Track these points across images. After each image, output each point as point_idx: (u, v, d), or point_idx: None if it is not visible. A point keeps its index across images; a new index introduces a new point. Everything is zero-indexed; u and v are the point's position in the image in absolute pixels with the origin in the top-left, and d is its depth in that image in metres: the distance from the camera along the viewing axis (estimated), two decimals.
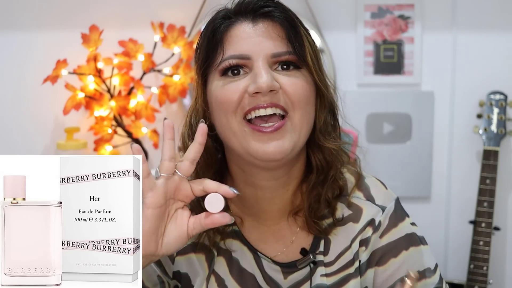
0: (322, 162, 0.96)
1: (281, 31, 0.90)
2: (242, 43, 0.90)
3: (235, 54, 0.90)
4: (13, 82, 2.16)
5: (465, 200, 2.16)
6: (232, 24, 0.92)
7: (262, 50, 0.89)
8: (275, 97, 0.88)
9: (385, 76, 2.18)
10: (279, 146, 0.88)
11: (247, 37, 0.90)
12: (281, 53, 0.90)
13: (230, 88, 0.90)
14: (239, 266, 0.98)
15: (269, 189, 0.97)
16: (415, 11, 2.15)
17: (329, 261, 0.98)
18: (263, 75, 0.87)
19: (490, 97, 2.08)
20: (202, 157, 0.95)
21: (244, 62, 0.90)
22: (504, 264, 2.23)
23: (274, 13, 0.91)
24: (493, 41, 2.15)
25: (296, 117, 0.90)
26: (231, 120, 0.90)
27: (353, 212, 0.99)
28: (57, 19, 2.13)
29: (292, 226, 1.00)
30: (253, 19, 0.91)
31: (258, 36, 0.90)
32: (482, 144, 2.06)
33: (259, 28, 0.90)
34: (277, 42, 0.90)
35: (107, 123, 2.05)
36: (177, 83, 2.04)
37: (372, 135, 2.19)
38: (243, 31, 0.91)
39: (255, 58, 0.89)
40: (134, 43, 2.04)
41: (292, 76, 0.90)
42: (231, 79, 0.90)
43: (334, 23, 2.14)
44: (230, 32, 0.92)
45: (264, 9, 0.91)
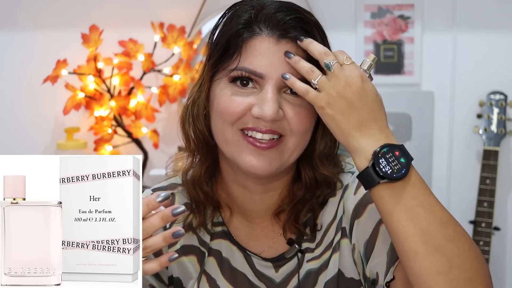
0: (312, 180, 0.96)
1: (303, 57, 0.87)
2: (260, 59, 0.87)
3: (250, 68, 0.87)
4: (13, 82, 2.17)
5: (465, 200, 2.16)
6: (256, 35, 0.88)
7: (277, 72, 0.87)
8: (275, 125, 0.88)
9: (385, 76, 2.18)
10: (267, 165, 0.89)
11: (267, 55, 0.87)
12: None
13: (236, 101, 0.88)
14: (230, 266, 0.99)
15: (257, 191, 0.97)
16: (415, 11, 2.15)
17: (316, 243, 0.97)
18: (270, 104, 0.85)
19: (490, 97, 2.08)
20: (200, 148, 0.96)
21: (256, 79, 0.88)
22: (504, 264, 2.23)
23: (301, 36, 0.87)
24: (493, 41, 2.15)
25: (291, 141, 0.89)
26: (226, 129, 0.90)
27: (329, 189, 0.98)
28: (57, 19, 2.14)
29: (278, 223, 1.00)
30: (278, 38, 0.88)
31: (278, 58, 0.87)
32: (482, 144, 2.06)
33: (281, 47, 0.87)
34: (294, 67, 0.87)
35: (107, 123, 2.05)
36: (177, 83, 2.04)
37: None
38: (265, 48, 0.87)
39: (268, 79, 0.87)
40: (134, 43, 2.04)
41: (298, 104, 0.88)
42: (238, 90, 0.89)
43: (334, 23, 2.15)
44: (251, 43, 0.88)
45: (292, 31, 0.88)
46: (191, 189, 0.99)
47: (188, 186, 1.00)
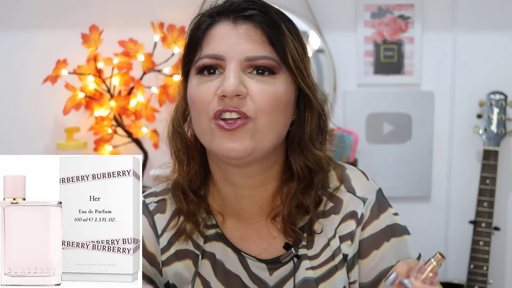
0: (304, 169, 0.95)
1: (261, 35, 0.89)
2: (219, 43, 0.89)
3: (211, 54, 0.89)
4: (13, 82, 2.17)
5: (465, 200, 2.16)
6: (214, 23, 0.91)
7: (237, 52, 0.88)
8: (240, 103, 0.87)
9: (385, 76, 2.18)
10: (239, 144, 0.88)
11: (225, 38, 0.89)
12: (255, 57, 0.88)
13: (203, 88, 0.89)
14: (223, 268, 0.98)
15: (246, 187, 0.96)
16: (415, 11, 2.15)
17: (315, 253, 0.97)
18: (231, 79, 0.86)
19: (490, 97, 2.08)
20: (183, 152, 0.97)
21: (219, 63, 0.89)
22: (504, 264, 2.23)
23: (256, 16, 0.89)
24: (493, 41, 2.15)
25: (261, 121, 0.89)
26: (201, 119, 0.90)
27: (334, 204, 0.98)
28: (57, 19, 2.13)
29: (272, 227, 1.00)
30: (234, 20, 0.90)
31: (236, 38, 0.89)
32: (482, 144, 2.06)
33: (239, 29, 0.89)
34: (255, 46, 0.89)
35: (107, 123, 2.05)
36: (177, 83, 2.04)
37: (372, 135, 2.19)
38: (223, 32, 0.90)
39: (229, 59, 0.88)
40: (134, 43, 2.04)
41: (264, 82, 0.89)
42: (206, 79, 0.90)
43: (334, 23, 2.15)
44: (210, 32, 0.91)
45: (247, 11, 0.90)
46: (178, 196, 0.99)
47: (175, 193, 0.99)
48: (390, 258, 0.96)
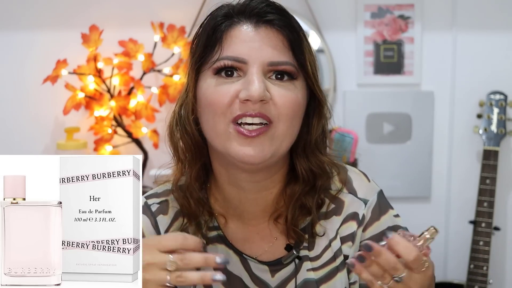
0: (308, 173, 0.96)
1: (283, 40, 0.89)
2: (241, 46, 0.88)
3: (232, 56, 0.88)
4: (13, 82, 2.17)
5: (465, 200, 2.16)
6: (234, 24, 0.90)
7: (259, 56, 0.88)
8: (263, 107, 0.87)
9: (385, 76, 2.18)
10: (259, 151, 0.88)
11: (247, 41, 0.88)
12: (278, 62, 0.88)
13: (222, 90, 0.88)
14: (225, 270, 0.98)
15: (251, 190, 0.97)
16: (415, 11, 2.15)
17: (316, 255, 0.98)
18: (256, 84, 0.86)
19: (490, 97, 2.08)
20: (189, 151, 0.95)
21: (240, 65, 0.88)
22: (504, 264, 2.23)
23: (278, 21, 0.89)
24: (493, 41, 2.15)
25: (281, 127, 0.89)
26: (218, 121, 0.89)
27: (336, 206, 0.99)
28: (57, 19, 2.13)
29: (274, 228, 1.00)
30: (256, 24, 0.89)
31: (258, 42, 0.88)
32: (482, 144, 2.06)
33: (261, 33, 0.89)
34: (276, 51, 0.88)
35: (107, 123, 2.05)
36: (177, 83, 2.04)
37: (372, 135, 2.19)
38: (245, 34, 0.89)
39: (251, 63, 0.87)
40: (134, 43, 2.04)
41: (284, 87, 0.89)
42: (223, 80, 0.89)
43: (334, 23, 2.15)
44: (231, 32, 0.90)
45: (269, 15, 0.89)
46: (181, 198, 0.98)
47: (178, 195, 0.98)
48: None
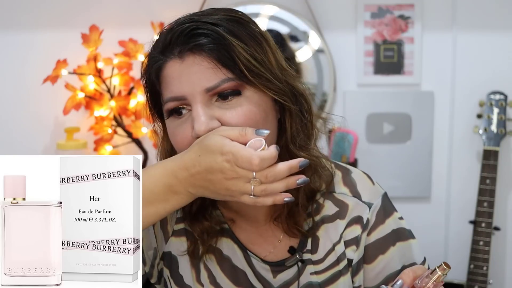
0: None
1: (211, 60, 0.85)
2: (174, 83, 0.86)
3: (172, 96, 0.87)
4: (13, 82, 2.16)
5: (465, 200, 2.16)
6: (163, 64, 0.88)
7: (193, 88, 0.85)
8: None
9: (385, 76, 2.18)
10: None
11: (177, 76, 0.86)
12: (214, 86, 0.85)
13: (179, 133, 0.88)
14: (231, 263, 0.99)
15: None
16: (415, 11, 2.15)
17: (319, 258, 0.98)
18: (199, 120, 0.84)
19: (490, 97, 2.08)
20: None
21: (183, 102, 0.87)
22: (504, 264, 2.23)
23: (199, 42, 0.85)
24: (493, 41, 2.15)
25: None
26: None
27: (339, 209, 0.98)
28: (57, 19, 2.13)
29: (277, 229, 1.00)
30: (180, 55, 0.86)
31: (188, 74, 0.85)
32: (482, 144, 2.06)
33: (187, 62, 0.86)
34: (208, 75, 0.85)
35: (107, 123, 2.05)
36: None
37: (372, 135, 2.19)
38: (173, 70, 0.87)
39: (190, 97, 0.85)
40: (134, 43, 2.04)
41: (231, 106, 0.85)
42: (178, 121, 0.88)
43: (334, 23, 2.15)
44: (163, 73, 0.88)
45: (191, 43, 0.85)
46: (193, 220, 0.99)
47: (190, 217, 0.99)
48: (396, 263, 0.97)
